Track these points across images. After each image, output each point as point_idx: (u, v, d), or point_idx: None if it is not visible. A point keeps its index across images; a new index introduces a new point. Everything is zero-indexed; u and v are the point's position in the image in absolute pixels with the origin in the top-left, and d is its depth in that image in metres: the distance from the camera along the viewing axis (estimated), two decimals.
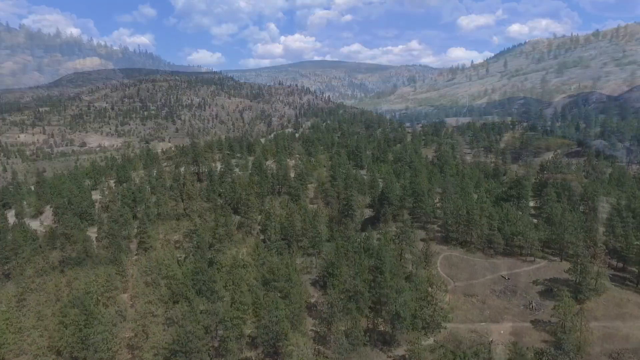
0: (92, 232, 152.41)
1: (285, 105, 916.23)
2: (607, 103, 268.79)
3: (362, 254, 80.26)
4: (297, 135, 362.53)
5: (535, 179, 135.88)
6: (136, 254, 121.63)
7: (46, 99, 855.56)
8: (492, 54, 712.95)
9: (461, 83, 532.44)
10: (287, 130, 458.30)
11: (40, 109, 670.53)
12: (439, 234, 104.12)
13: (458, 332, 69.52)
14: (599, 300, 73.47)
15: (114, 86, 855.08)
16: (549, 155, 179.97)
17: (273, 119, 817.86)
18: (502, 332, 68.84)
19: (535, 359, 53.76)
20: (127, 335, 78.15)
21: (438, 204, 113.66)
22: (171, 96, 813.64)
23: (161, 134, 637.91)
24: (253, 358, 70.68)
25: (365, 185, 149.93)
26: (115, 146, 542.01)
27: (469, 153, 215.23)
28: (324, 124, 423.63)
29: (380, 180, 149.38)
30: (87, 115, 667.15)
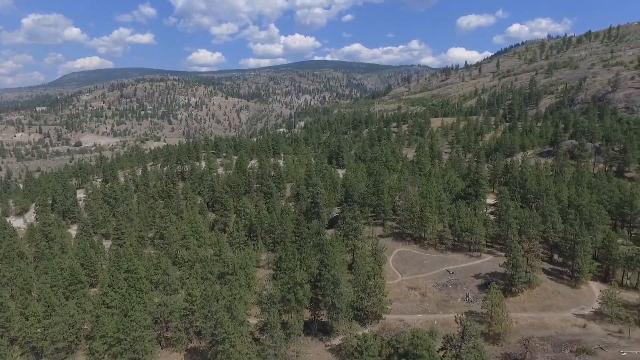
0: (74, 230, 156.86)
1: (282, 105, 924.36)
2: (591, 104, 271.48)
3: (310, 249, 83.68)
4: (288, 134, 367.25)
5: (502, 178, 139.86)
6: (109, 251, 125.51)
7: (44, 99, 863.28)
8: (491, 54, 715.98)
9: (454, 83, 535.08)
10: (279, 130, 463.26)
11: (37, 109, 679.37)
12: (397, 231, 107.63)
13: (392, 323, 73.03)
14: (532, 292, 76.90)
15: (112, 86, 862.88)
16: (527, 154, 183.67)
17: (270, 118, 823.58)
18: (435, 322, 72.32)
19: (443, 343, 57.31)
20: (86, 327, 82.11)
21: (399, 202, 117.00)
22: (168, 96, 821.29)
23: (157, 133, 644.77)
24: (200, 347, 74.46)
25: (338, 185, 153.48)
26: (110, 145, 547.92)
27: (448, 152, 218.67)
28: (316, 123, 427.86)
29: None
30: (83, 115, 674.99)
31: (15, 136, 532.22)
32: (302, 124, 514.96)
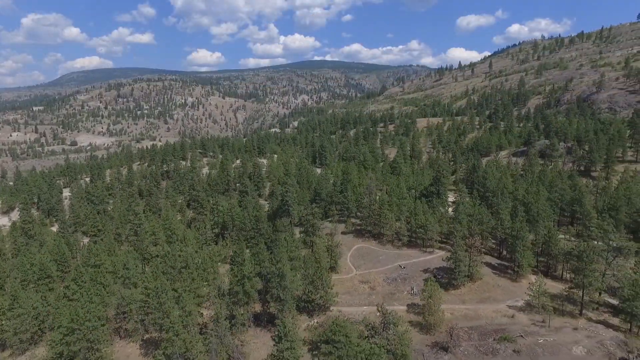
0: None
1: (279, 105, 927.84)
2: (575, 104, 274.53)
3: (263, 244, 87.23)
4: (279, 134, 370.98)
5: (469, 176, 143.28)
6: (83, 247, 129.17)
7: (43, 98, 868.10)
8: (489, 54, 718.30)
9: (447, 84, 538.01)
10: (272, 130, 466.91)
11: (34, 108, 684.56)
12: (359, 228, 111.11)
13: (337, 314, 76.41)
14: (473, 285, 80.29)
15: (109, 85, 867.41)
16: (499, 154, 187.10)
17: (266, 118, 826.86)
18: (377, 314, 75.58)
19: (367, 330, 60.91)
20: (51, 319, 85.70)
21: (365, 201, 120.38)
22: (165, 96, 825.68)
23: (153, 133, 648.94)
24: (155, 337, 77.99)
25: (313, 183, 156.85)
26: (106, 145, 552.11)
27: (430, 152, 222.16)
28: (307, 124, 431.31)
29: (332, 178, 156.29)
30: (80, 115, 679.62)
31: (11, 135, 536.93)
32: (295, 123, 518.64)
